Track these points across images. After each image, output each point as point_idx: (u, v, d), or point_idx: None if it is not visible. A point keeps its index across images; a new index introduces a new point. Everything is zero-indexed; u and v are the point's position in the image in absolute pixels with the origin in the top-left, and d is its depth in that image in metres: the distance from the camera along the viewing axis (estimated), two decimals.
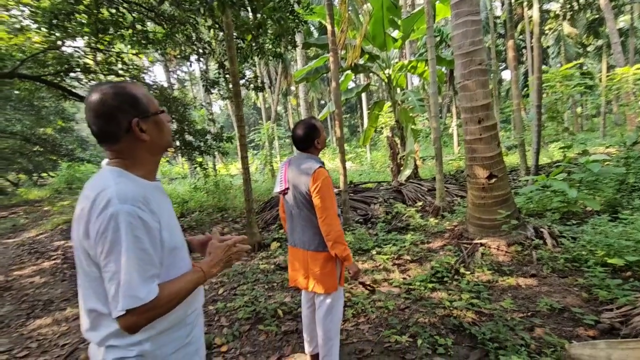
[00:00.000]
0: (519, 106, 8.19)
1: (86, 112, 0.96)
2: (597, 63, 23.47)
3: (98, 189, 0.90)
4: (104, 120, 0.95)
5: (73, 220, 0.98)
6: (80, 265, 0.98)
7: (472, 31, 3.90)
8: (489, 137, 3.98)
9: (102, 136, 0.97)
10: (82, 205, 0.93)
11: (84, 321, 1.01)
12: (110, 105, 0.94)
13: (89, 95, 0.96)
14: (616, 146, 7.28)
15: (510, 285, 3.22)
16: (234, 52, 4.85)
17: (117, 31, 5.82)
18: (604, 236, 3.45)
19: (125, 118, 0.96)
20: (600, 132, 17.60)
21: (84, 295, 0.99)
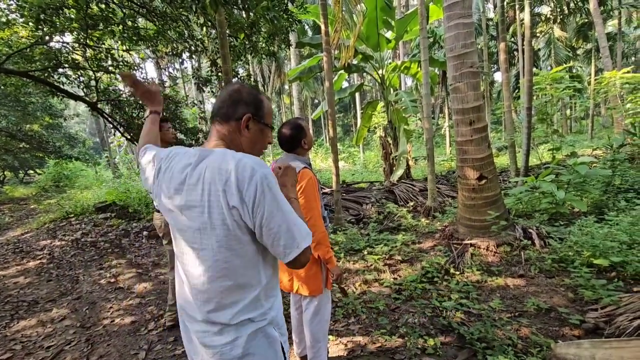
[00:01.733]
0: (510, 108, 8.28)
1: (221, 96, 1.12)
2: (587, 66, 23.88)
3: (232, 162, 0.97)
4: (230, 102, 1.10)
5: (199, 203, 0.99)
6: (219, 243, 0.99)
7: (464, 34, 3.92)
8: (480, 139, 4.02)
9: (219, 111, 1.11)
10: (218, 180, 0.97)
11: (205, 305, 1.03)
12: (242, 95, 1.11)
13: (228, 86, 1.14)
14: (603, 148, 7.41)
15: (499, 285, 3.26)
16: (226, 50, 4.80)
17: (107, 27, 5.72)
18: (590, 237, 3.51)
19: (243, 110, 1.10)
20: (588, 135, 17.93)
21: (217, 273, 1.01)
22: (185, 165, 1.04)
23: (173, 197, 1.05)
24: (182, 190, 1.02)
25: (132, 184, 10.11)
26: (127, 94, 7.41)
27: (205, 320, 1.03)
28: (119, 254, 5.56)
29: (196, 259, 1.03)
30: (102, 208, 8.35)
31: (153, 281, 4.26)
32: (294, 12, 5.76)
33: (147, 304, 3.61)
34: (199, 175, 0.99)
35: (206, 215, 0.98)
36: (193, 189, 1.00)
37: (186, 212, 1.02)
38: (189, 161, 1.04)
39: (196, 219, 1.00)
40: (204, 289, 1.02)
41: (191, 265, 1.04)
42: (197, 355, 1.10)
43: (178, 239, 1.09)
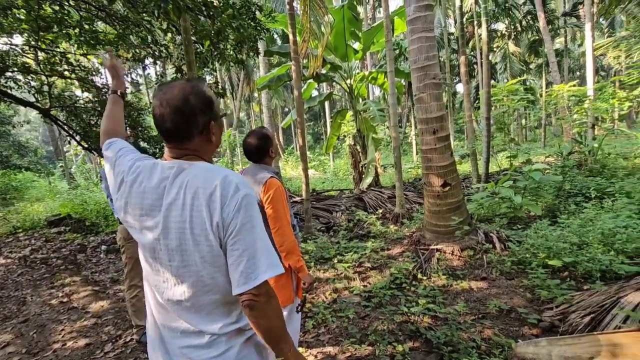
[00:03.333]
0: (470, 118, 8.72)
1: (160, 108, 0.95)
2: (538, 79, 25.77)
3: (217, 178, 0.93)
4: (184, 119, 0.95)
5: (185, 224, 0.93)
6: (203, 259, 0.93)
7: (427, 47, 4.09)
8: (443, 147, 4.18)
9: (177, 133, 0.97)
10: (202, 195, 0.92)
11: (192, 317, 0.97)
12: (193, 105, 0.96)
13: (164, 92, 0.96)
14: (554, 156, 7.97)
15: (464, 288, 3.36)
16: (192, 57, 4.68)
17: (61, 30, 5.40)
18: (545, 239, 3.73)
19: (203, 119, 0.98)
20: (541, 143, 19.25)
21: (203, 288, 0.96)
22: (161, 179, 0.96)
23: (148, 214, 0.97)
24: (160, 206, 0.95)
25: (89, 195, 9.53)
26: (84, 99, 7.01)
27: (193, 332, 0.97)
28: (73, 270, 5.18)
29: (177, 277, 0.96)
30: (55, 222, 7.77)
31: (111, 299, 3.99)
32: (262, 21, 5.74)
33: (104, 324, 3.37)
34: (179, 190, 0.93)
35: (188, 231, 0.92)
36: (172, 204, 0.93)
37: (164, 229, 0.94)
38: (165, 174, 0.96)
39: (176, 235, 0.93)
40: (190, 304, 0.97)
41: (171, 282, 0.97)
42: None
43: (151, 257, 1.00)
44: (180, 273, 0.95)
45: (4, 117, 13.12)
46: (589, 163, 7.00)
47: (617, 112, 9.77)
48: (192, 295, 0.96)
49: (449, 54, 18.80)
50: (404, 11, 4.29)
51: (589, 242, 3.56)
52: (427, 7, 4.08)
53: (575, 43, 26.03)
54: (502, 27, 20.82)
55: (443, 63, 17.40)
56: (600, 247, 3.45)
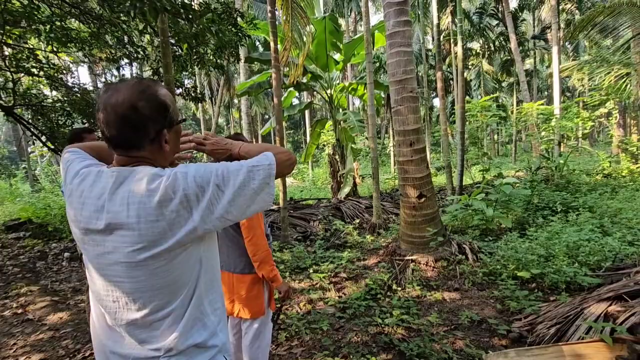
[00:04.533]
0: (446, 131, 8.99)
1: (105, 113, 0.84)
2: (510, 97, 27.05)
3: (146, 182, 0.83)
4: (131, 129, 0.85)
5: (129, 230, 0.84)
6: (153, 275, 0.85)
7: (405, 61, 4.19)
8: (419, 159, 4.26)
9: (123, 142, 0.87)
10: (148, 203, 0.82)
11: (142, 332, 0.89)
12: (143, 114, 0.84)
13: (109, 95, 0.84)
14: (524, 170, 8.31)
15: (437, 299, 3.40)
16: (169, 59, 4.57)
17: (30, 25, 5.15)
18: (514, 251, 3.85)
19: (154, 128, 0.87)
20: (512, 158, 20.10)
21: (155, 301, 0.87)
22: (101, 190, 0.86)
23: (88, 225, 0.87)
24: (101, 219, 0.85)
25: (54, 199, 9.02)
26: (52, 98, 6.68)
27: (147, 354, 0.89)
28: (31, 279, 4.84)
29: (128, 295, 0.87)
30: (13, 227, 7.29)
31: (71, 310, 3.75)
32: (244, 27, 5.71)
33: (62, 337, 3.15)
34: (122, 201, 0.84)
35: (136, 238, 0.83)
36: (115, 216, 0.84)
37: (107, 241, 0.85)
38: (106, 184, 0.86)
39: (122, 246, 0.84)
40: (142, 322, 0.88)
41: (122, 302, 0.88)
42: None
43: (96, 271, 0.90)
44: (131, 291, 0.86)
45: None
46: (555, 178, 7.35)
47: (580, 130, 10.37)
48: (147, 314, 0.88)
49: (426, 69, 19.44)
50: (384, 26, 4.40)
51: (555, 254, 3.70)
52: (405, 23, 4.19)
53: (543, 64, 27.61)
54: (476, 46, 21.80)
55: (421, 78, 17.96)
56: (565, 259, 3.59)
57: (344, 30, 16.61)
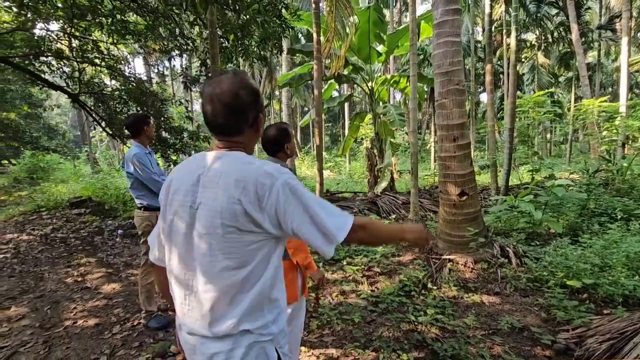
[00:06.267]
0: (493, 128, 8.50)
1: (212, 104, 0.96)
2: (567, 93, 24.92)
3: (250, 168, 0.94)
4: (235, 115, 0.98)
5: (217, 208, 0.93)
6: (229, 248, 0.94)
7: (452, 52, 4.01)
8: (463, 156, 4.08)
9: (228, 129, 1.00)
10: (234, 187, 0.93)
11: (209, 314, 0.97)
12: (244, 100, 0.97)
13: (213, 88, 0.97)
14: (580, 173, 7.66)
15: (475, 302, 3.27)
16: (216, 50, 4.75)
17: (95, 18, 5.58)
18: (564, 258, 3.58)
19: (252, 114, 1.01)
20: (566, 158, 18.59)
21: (222, 280, 0.96)
22: (196, 168, 0.99)
23: (182, 202, 0.99)
24: (195, 193, 0.96)
25: (110, 180, 9.80)
26: (112, 87, 7.22)
27: (207, 326, 0.97)
28: (89, 252, 5.33)
29: (202, 266, 0.96)
30: (76, 203, 8.03)
31: (123, 282, 4.08)
32: (288, 19, 5.77)
33: (114, 306, 3.45)
34: (213, 180, 0.94)
35: (218, 220, 0.92)
36: (204, 193, 0.95)
37: (196, 218, 0.96)
38: (201, 163, 0.99)
39: (206, 224, 0.94)
40: (208, 296, 0.96)
41: (197, 272, 0.98)
42: None
43: (182, 247, 1.00)
44: (205, 263, 0.95)
45: (37, 100, 13.71)
46: (616, 183, 6.69)
47: None
48: (213, 288, 0.95)
49: (474, 62, 18.40)
50: (431, 16, 4.22)
51: (612, 265, 3.39)
52: (455, 12, 3.99)
53: (609, 58, 25.03)
54: (532, 38, 20.24)
55: (468, 71, 17.06)
56: (624, 270, 3.28)
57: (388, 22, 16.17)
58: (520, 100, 7.90)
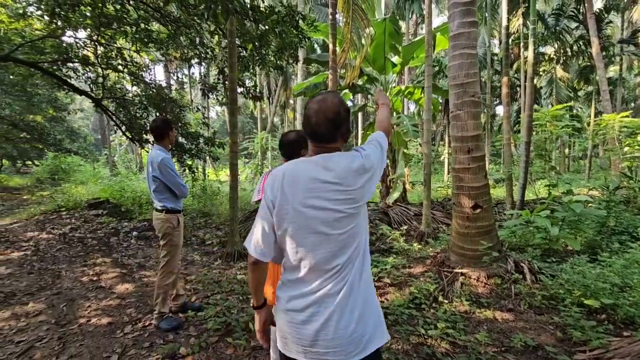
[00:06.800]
0: (509, 141, 8.38)
1: (317, 117, 1.20)
2: (587, 108, 24.36)
3: (357, 159, 1.24)
4: (335, 126, 1.21)
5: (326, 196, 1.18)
6: (353, 219, 1.21)
7: (468, 64, 4.00)
8: (477, 168, 4.03)
9: (327, 138, 1.23)
10: (351, 177, 1.20)
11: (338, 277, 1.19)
12: (343, 116, 1.22)
13: (319, 104, 1.21)
14: (599, 189, 7.45)
15: (487, 317, 3.19)
16: (234, 59, 4.88)
17: (120, 27, 5.83)
18: (582, 276, 3.47)
19: (345, 126, 1.25)
20: (585, 174, 18.08)
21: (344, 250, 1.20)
22: (314, 171, 1.19)
23: (307, 201, 1.17)
24: (318, 188, 1.17)
25: (128, 183, 10.06)
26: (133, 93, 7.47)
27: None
28: (105, 252, 5.46)
29: (336, 243, 1.18)
30: (94, 204, 8.27)
31: (136, 283, 4.16)
32: (304, 29, 5.89)
33: (127, 306, 3.51)
34: (334, 176, 1.18)
35: (348, 205, 1.18)
36: (331, 188, 1.17)
37: (323, 206, 1.17)
38: (316, 168, 1.19)
39: (335, 206, 1.17)
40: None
41: (327, 249, 1.18)
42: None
43: (314, 232, 1.17)
44: (340, 239, 1.18)
45: (62, 103, 14.26)
46: (638, 200, 6.48)
47: None
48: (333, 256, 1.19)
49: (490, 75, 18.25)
50: (447, 28, 4.23)
51: (633, 285, 3.27)
52: (471, 24, 4.00)
53: (631, 72, 24.41)
54: (550, 51, 19.97)
55: (484, 83, 16.92)
56: None
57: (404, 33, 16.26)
58: (537, 114, 7.79)
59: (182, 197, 3.11)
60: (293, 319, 1.19)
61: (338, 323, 1.15)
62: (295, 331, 1.19)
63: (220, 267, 4.65)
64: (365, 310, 1.19)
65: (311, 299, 1.17)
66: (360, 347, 1.17)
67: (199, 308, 3.29)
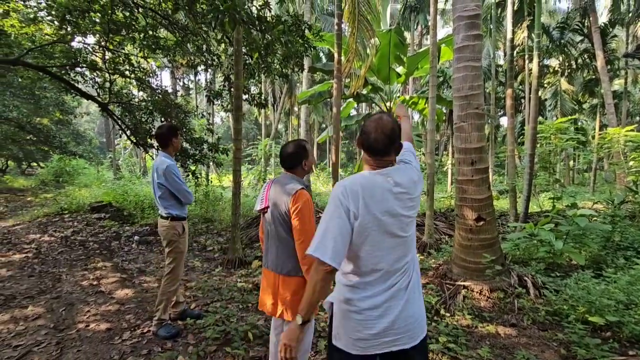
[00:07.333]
0: (513, 152, 8.36)
1: (376, 133, 1.36)
2: (591, 121, 24.29)
3: (414, 170, 1.53)
4: (390, 142, 1.38)
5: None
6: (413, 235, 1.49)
7: (472, 76, 4.01)
8: (480, 180, 4.01)
9: (383, 151, 1.38)
10: (412, 187, 1.44)
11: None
12: (397, 133, 1.40)
13: (377, 122, 1.38)
14: (604, 203, 7.38)
15: (490, 332, 3.14)
16: (240, 67, 4.93)
17: (128, 33, 5.91)
18: (587, 292, 3.42)
19: (398, 142, 1.42)
20: (590, 187, 17.95)
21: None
22: (386, 183, 1.36)
23: (384, 210, 1.34)
24: (393, 198, 1.36)
25: (131, 187, 10.10)
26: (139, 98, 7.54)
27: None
28: (106, 256, 5.46)
29: (409, 241, 1.42)
30: (97, 208, 8.29)
31: (136, 288, 4.14)
32: (310, 39, 5.94)
33: (126, 312, 3.49)
34: (402, 187, 1.38)
35: (413, 211, 1.42)
36: (400, 197, 1.38)
37: (396, 211, 1.36)
38: (387, 180, 1.37)
39: (404, 218, 1.38)
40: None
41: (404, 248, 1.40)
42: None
43: (390, 236, 1.35)
44: (408, 241, 1.42)
45: (69, 107, 14.43)
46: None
47: None
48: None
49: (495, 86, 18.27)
50: (452, 40, 4.26)
51: (639, 303, 3.21)
52: (475, 37, 4.02)
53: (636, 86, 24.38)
54: (555, 64, 20.02)
55: (488, 94, 16.95)
56: None
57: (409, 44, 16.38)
58: (542, 126, 7.76)
59: (187, 204, 3.11)
60: (368, 317, 1.34)
61: (408, 312, 1.37)
62: (369, 327, 1.34)
63: (221, 274, 4.63)
64: (420, 297, 1.46)
65: (387, 295, 1.35)
66: (421, 329, 1.42)
67: (199, 316, 3.26)
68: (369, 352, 1.35)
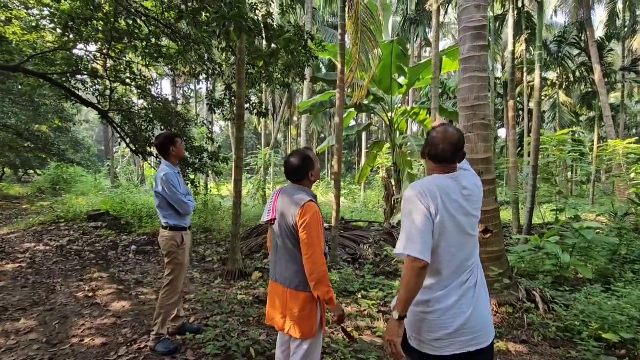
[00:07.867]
0: (515, 164, 8.34)
1: (441, 143, 1.47)
2: (589, 133, 24.47)
3: (471, 176, 1.60)
4: (457, 151, 1.49)
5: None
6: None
7: (478, 87, 3.99)
8: (487, 191, 3.94)
9: (450, 159, 1.50)
10: (478, 191, 1.58)
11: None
12: (462, 142, 1.52)
13: (443, 134, 1.48)
14: (607, 215, 7.33)
15: (500, 349, 3.03)
16: (243, 76, 4.90)
17: (131, 42, 5.90)
18: (598, 308, 3.32)
19: (462, 151, 1.55)
20: (589, 199, 17.96)
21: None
22: (457, 185, 1.47)
23: (459, 209, 1.43)
24: (467, 200, 1.47)
25: (129, 195, 9.98)
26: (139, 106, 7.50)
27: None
28: (102, 266, 5.32)
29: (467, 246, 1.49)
30: (94, 216, 8.16)
31: (133, 301, 4.01)
32: (313, 49, 5.95)
33: (122, 326, 3.36)
34: (470, 190, 1.49)
35: (479, 212, 1.54)
36: (469, 199, 1.48)
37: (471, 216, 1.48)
38: (457, 183, 1.48)
39: (474, 218, 1.50)
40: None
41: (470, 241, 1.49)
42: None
43: (463, 233, 1.45)
44: (474, 239, 1.51)
45: (68, 114, 14.37)
46: None
47: None
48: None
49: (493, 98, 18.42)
50: (453, 51, 4.26)
51: None
52: (481, 48, 4.01)
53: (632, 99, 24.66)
54: (553, 76, 20.24)
55: None
56: None
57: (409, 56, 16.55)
58: (543, 138, 7.77)
59: (186, 215, 3.01)
60: (443, 316, 1.38)
61: (480, 310, 1.41)
62: (445, 327, 1.38)
63: (221, 286, 4.50)
64: (487, 297, 1.51)
65: (459, 294, 1.40)
66: (492, 329, 1.46)
67: (198, 330, 3.14)
68: (445, 353, 1.38)
